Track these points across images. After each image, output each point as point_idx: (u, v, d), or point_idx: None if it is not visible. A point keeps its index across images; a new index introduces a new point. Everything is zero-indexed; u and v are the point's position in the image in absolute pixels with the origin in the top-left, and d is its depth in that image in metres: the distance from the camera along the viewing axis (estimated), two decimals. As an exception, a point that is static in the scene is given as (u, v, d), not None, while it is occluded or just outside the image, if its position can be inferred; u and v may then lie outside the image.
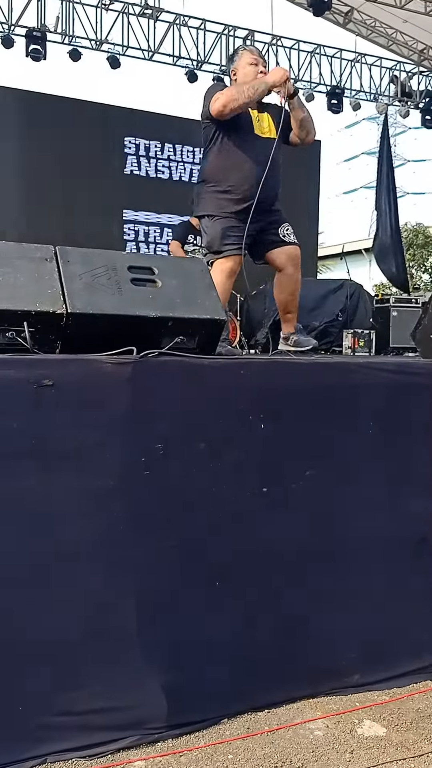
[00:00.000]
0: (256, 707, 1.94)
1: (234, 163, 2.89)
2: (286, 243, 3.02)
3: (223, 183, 2.91)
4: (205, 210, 2.99)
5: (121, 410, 1.82)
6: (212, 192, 2.95)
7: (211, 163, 2.96)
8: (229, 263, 2.95)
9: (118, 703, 1.80)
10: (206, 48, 9.48)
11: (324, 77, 10.23)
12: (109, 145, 8.31)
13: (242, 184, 2.88)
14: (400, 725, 1.86)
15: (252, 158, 2.88)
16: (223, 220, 2.91)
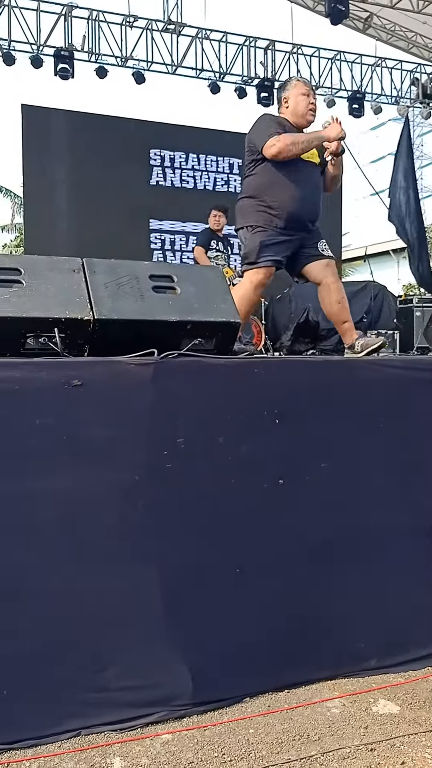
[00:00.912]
0: (277, 687, 2.04)
1: (280, 182, 3.02)
2: (324, 256, 3.11)
3: (268, 199, 3.03)
4: (246, 222, 3.11)
5: (145, 407, 1.96)
6: (256, 206, 3.06)
7: (257, 180, 3.09)
8: (260, 276, 3.07)
9: (147, 681, 1.92)
10: (228, 60, 9.66)
11: (345, 83, 10.32)
12: (135, 158, 8.55)
13: (286, 201, 3.01)
14: (413, 704, 1.95)
15: (297, 179, 3.03)
16: (263, 233, 3.03)
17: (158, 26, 9.19)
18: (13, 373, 1.81)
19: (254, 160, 3.08)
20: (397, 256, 17.79)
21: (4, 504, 1.79)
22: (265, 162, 3.03)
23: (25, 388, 1.81)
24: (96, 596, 1.89)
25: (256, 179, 3.09)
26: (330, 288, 3.05)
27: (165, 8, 9.06)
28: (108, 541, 1.91)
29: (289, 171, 3.00)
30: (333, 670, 2.14)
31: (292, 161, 3.01)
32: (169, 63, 9.38)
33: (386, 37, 10.68)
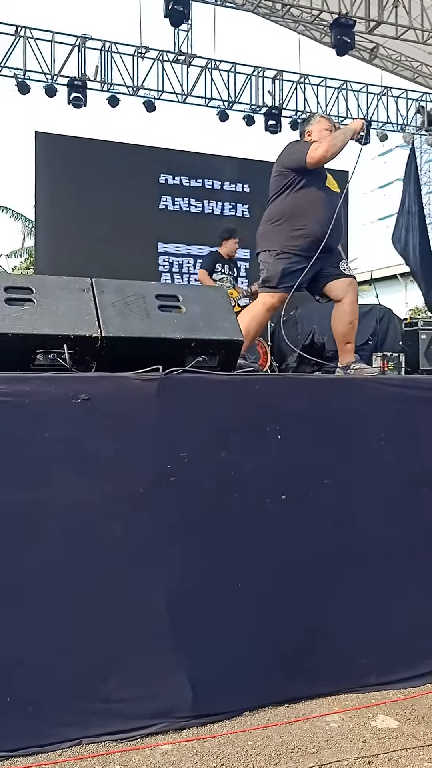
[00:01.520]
0: (277, 702, 2.06)
1: (309, 206, 3.14)
2: (345, 275, 3.20)
3: (296, 222, 3.14)
4: (269, 246, 3.20)
5: (150, 421, 2.02)
6: (281, 230, 3.16)
7: (285, 205, 3.19)
8: (275, 299, 3.17)
9: (148, 692, 1.95)
10: (236, 89, 9.89)
11: (351, 111, 10.52)
12: (144, 183, 8.74)
13: (314, 225, 3.11)
14: (412, 719, 1.96)
15: (322, 204, 3.15)
16: (286, 260, 3.12)
17: (169, 57, 9.43)
18: (23, 387, 1.88)
19: (287, 184, 3.17)
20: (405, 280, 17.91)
21: (12, 512, 1.84)
22: (293, 187, 3.15)
23: (35, 401, 1.88)
24: (99, 607, 1.93)
25: (282, 205, 3.19)
26: (347, 309, 3.14)
27: (176, 40, 9.31)
28: (112, 552, 1.95)
29: (314, 197, 3.13)
30: (334, 686, 2.15)
31: (317, 188, 3.13)
32: (179, 92, 9.61)
33: (392, 67, 10.91)
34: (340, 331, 3.18)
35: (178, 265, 8.79)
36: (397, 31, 8.26)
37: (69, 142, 8.55)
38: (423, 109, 10.91)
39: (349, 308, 3.13)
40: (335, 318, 3.19)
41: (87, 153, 8.51)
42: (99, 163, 8.47)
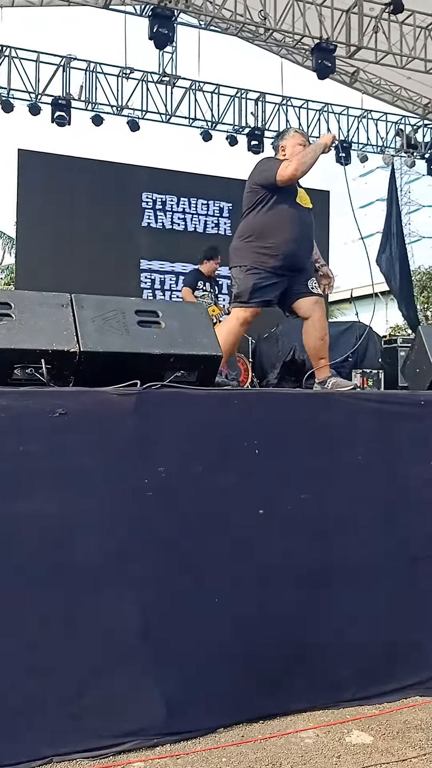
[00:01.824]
0: (252, 719, 2.05)
1: (278, 224, 3.17)
2: (312, 293, 3.24)
3: (264, 240, 3.17)
4: (241, 262, 3.24)
5: (127, 436, 2.03)
6: (253, 247, 3.20)
7: (255, 222, 3.24)
8: (247, 314, 3.20)
9: (121, 709, 1.93)
10: (220, 110, 10.04)
11: (332, 132, 10.71)
12: (127, 201, 8.81)
13: (282, 243, 3.15)
14: (387, 734, 1.97)
15: (293, 221, 3.19)
16: (256, 275, 3.16)
17: (153, 78, 9.56)
18: (0, 401, 1.88)
19: (257, 201, 3.21)
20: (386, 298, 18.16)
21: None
22: (263, 204, 3.19)
23: (11, 415, 1.88)
24: (73, 622, 1.91)
25: (253, 221, 3.23)
26: (315, 325, 3.20)
27: (160, 61, 9.45)
28: (87, 567, 1.94)
29: (287, 213, 3.16)
30: (310, 702, 2.15)
31: (290, 205, 3.17)
32: (163, 112, 9.74)
33: (372, 91, 11.15)
34: (312, 348, 3.24)
35: (161, 282, 8.84)
36: (376, 56, 8.44)
37: (52, 160, 8.61)
38: (402, 132, 11.16)
39: (317, 325, 3.19)
40: (306, 335, 3.25)
41: (70, 171, 8.57)
42: (82, 181, 8.53)
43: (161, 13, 7.37)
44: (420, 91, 10.80)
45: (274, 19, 7.98)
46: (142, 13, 8.53)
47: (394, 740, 1.94)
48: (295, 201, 3.23)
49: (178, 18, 8.47)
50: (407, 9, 8.06)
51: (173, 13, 7.71)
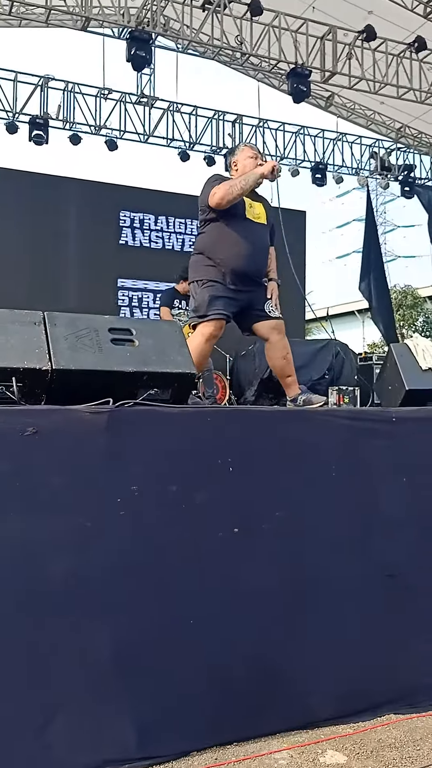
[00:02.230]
0: (226, 742, 2.01)
1: (226, 240, 3.20)
2: (270, 317, 3.27)
3: (214, 256, 3.21)
4: (196, 276, 3.28)
5: (99, 455, 2.01)
6: (205, 261, 3.25)
7: (205, 239, 3.28)
8: (210, 328, 3.19)
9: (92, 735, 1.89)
10: (198, 131, 10.17)
11: (308, 154, 10.92)
12: (105, 219, 8.84)
13: (231, 258, 3.18)
14: (361, 753, 1.95)
15: (242, 237, 3.21)
16: (211, 288, 3.18)
17: (131, 99, 9.66)
18: (-31, 419, 1.86)
19: (204, 219, 3.27)
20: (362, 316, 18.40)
21: None
22: (213, 221, 3.23)
23: (-20, 434, 1.86)
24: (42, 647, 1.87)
25: (205, 237, 3.28)
26: (275, 345, 3.23)
27: (138, 83, 9.56)
28: (57, 590, 1.91)
29: (235, 229, 3.18)
30: (285, 724, 2.10)
31: (239, 220, 3.19)
32: (141, 132, 9.83)
33: (347, 115, 11.40)
34: (277, 368, 3.27)
35: (138, 300, 8.86)
36: (350, 82, 8.64)
37: (28, 177, 8.62)
38: (376, 155, 11.40)
39: (278, 345, 3.22)
40: (269, 357, 3.29)
41: (47, 189, 8.59)
42: (59, 199, 8.55)
43: (139, 36, 7.47)
44: (393, 115, 11.07)
45: (251, 44, 8.13)
46: (120, 36, 8.64)
47: (368, 759, 1.92)
48: (244, 216, 3.24)
49: (155, 41, 8.59)
50: (379, 37, 8.29)
51: (151, 36, 7.82)
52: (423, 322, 18.95)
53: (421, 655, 2.32)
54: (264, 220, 3.32)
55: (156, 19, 7.66)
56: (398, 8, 8.51)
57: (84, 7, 7.49)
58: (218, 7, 7.60)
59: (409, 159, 11.67)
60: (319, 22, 8.31)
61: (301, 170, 10.80)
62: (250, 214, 3.27)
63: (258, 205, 3.33)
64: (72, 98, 9.39)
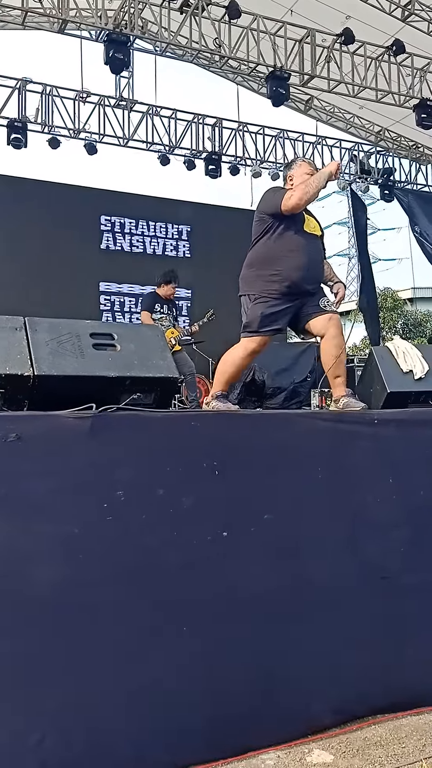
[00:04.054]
0: (223, 757, 1.94)
1: (285, 251, 3.18)
2: (325, 311, 3.23)
3: (272, 267, 3.19)
4: (249, 291, 3.25)
5: (83, 460, 2.01)
6: (259, 275, 3.22)
7: (262, 251, 3.25)
8: (254, 344, 3.19)
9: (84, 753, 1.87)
10: (177, 134, 10.17)
11: (288, 158, 10.95)
12: (86, 224, 8.82)
13: (290, 271, 3.16)
14: (347, 752, 1.97)
15: (300, 249, 3.20)
16: (264, 304, 3.17)
17: (110, 102, 9.64)
18: None
19: (265, 230, 3.23)
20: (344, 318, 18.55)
21: None
22: (271, 233, 3.21)
23: (-37, 441, 1.84)
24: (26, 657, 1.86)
25: (261, 250, 3.25)
26: (331, 341, 3.16)
27: (117, 86, 9.54)
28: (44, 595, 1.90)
29: (291, 242, 3.18)
30: (283, 731, 2.04)
31: (294, 233, 3.19)
32: (121, 136, 9.80)
33: (326, 118, 11.47)
34: (327, 365, 3.19)
35: (120, 304, 8.85)
36: (329, 85, 8.69)
37: (8, 182, 8.57)
38: (356, 158, 11.49)
39: (332, 342, 3.14)
40: (322, 353, 3.22)
41: (26, 193, 8.55)
42: (39, 204, 8.51)
43: (117, 38, 7.45)
44: (372, 119, 11.16)
45: (229, 47, 8.15)
46: (98, 39, 8.62)
47: (354, 758, 1.94)
48: (302, 228, 3.25)
49: (133, 44, 8.59)
50: (358, 40, 8.36)
51: (129, 38, 7.81)
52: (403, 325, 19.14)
53: (408, 655, 2.34)
54: (319, 232, 3.34)
55: (134, 21, 7.66)
56: (376, 12, 8.58)
57: (60, 9, 7.45)
58: (196, 9, 7.62)
59: (388, 162, 11.78)
60: (298, 25, 8.36)
61: (281, 174, 10.86)
62: (307, 226, 3.28)
63: (311, 219, 3.34)
64: (50, 101, 9.34)
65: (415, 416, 2.70)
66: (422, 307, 20.42)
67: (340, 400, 3.10)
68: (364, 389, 2.82)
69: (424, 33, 8.84)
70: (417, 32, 8.82)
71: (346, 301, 11.28)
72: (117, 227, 9.02)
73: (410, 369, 2.96)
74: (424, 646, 2.36)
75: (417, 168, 12.16)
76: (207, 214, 9.91)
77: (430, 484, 2.53)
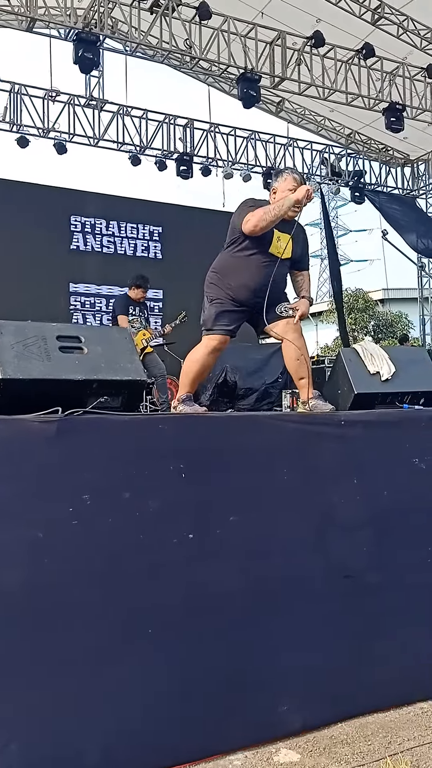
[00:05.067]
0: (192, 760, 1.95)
1: (240, 270, 3.17)
2: (282, 317, 3.21)
3: (226, 280, 3.19)
4: (208, 292, 3.27)
5: (49, 464, 1.99)
6: (218, 282, 3.23)
7: (223, 261, 3.25)
8: (214, 342, 3.19)
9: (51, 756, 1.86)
10: (148, 135, 10.14)
11: (259, 159, 11.02)
12: (56, 224, 8.74)
13: (240, 288, 3.16)
14: (314, 751, 1.99)
15: (255, 272, 3.16)
16: (219, 306, 3.19)
17: (80, 101, 9.57)
18: None
19: (232, 240, 3.23)
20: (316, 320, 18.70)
21: None
22: (237, 245, 3.20)
23: None
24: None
25: (222, 260, 3.26)
26: (290, 346, 3.18)
27: (87, 85, 9.47)
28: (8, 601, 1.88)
29: (250, 263, 3.16)
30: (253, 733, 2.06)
31: (261, 254, 3.16)
32: (91, 135, 9.74)
33: (297, 120, 11.55)
34: (290, 369, 3.24)
35: (90, 305, 8.79)
36: (300, 87, 8.76)
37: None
38: (327, 161, 11.59)
39: (290, 346, 3.17)
40: (284, 357, 3.25)
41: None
42: (7, 203, 8.40)
43: (86, 38, 7.40)
44: (342, 121, 11.28)
45: (200, 48, 8.16)
46: (67, 38, 8.56)
47: (321, 756, 1.96)
48: (266, 249, 3.20)
49: (103, 43, 8.54)
50: (328, 43, 8.44)
51: (98, 38, 7.76)
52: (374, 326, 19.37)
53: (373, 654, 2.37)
54: (288, 255, 3.27)
55: (104, 20, 7.61)
56: (346, 15, 8.67)
57: (29, 7, 7.37)
58: (166, 10, 7.60)
59: (359, 165, 11.92)
60: (269, 27, 8.40)
61: (253, 175, 10.90)
62: (274, 248, 3.22)
63: (285, 237, 3.25)
64: (18, 100, 9.23)
65: (381, 417, 2.74)
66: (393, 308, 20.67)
67: (309, 401, 3.12)
68: (331, 390, 2.85)
69: (394, 36, 8.98)
70: (386, 36, 8.95)
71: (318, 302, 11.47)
72: (87, 228, 8.95)
73: (377, 371, 3.00)
74: (389, 644, 2.39)
75: (387, 171, 12.33)
76: (179, 215, 9.91)
77: (395, 485, 2.57)
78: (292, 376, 3.25)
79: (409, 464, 2.64)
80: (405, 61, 9.16)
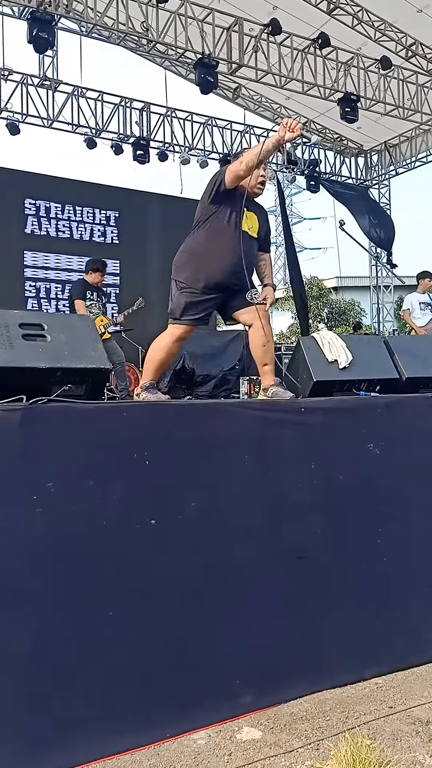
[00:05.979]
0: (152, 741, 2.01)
1: (214, 247, 3.12)
2: (251, 304, 3.20)
3: (198, 260, 3.14)
4: (177, 277, 3.22)
5: (13, 453, 1.99)
6: (187, 265, 3.18)
7: (195, 241, 3.20)
8: (180, 331, 3.17)
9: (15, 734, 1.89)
10: (104, 118, 9.98)
11: (216, 145, 10.99)
12: (9, 207, 8.52)
13: (214, 267, 3.12)
14: (275, 728, 2.06)
15: (230, 248, 3.11)
16: (188, 294, 3.14)
17: (33, 81, 9.33)
18: None
19: (199, 219, 3.19)
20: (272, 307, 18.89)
21: None
22: (208, 222, 3.16)
23: None
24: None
25: (194, 239, 3.21)
26: (257, 331, 3.18)
27: (41, 64, 9.24)
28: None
29: (224, 239, 3.12)
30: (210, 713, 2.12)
31: (233, 229, 3.13)
32: (45, 117, 9.52)
33: (254, 107, 11.56)
34: (255, 355, 3.23)
35: (46, 291, 8.64)
36: (257, 75, 8.76)
37: None
38: (282, 149, 11.63)
39: (259, 332, 3.17)
40: (250, 343, 3.25)
41: None
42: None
43: (41, 17, 7.21)
44: (299, 110, 11.34)
45: (157, 31, 8.06)
46: (21, 16, 8.32)
47: (281, 733, 2.03)
48: (238, 226, 3.17)
49: (58, 23, 8.34)
50: (285, 31, 8.46)
51: (53, 17, 7.58)
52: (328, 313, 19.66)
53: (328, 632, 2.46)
54: (255, 233, 3.27)
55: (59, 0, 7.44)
56: (303, 4, 8.71)
57: (-18, -17, 7.15)
58: (123, -9, 7.48)
59: (314, 154, 12.02)
60: (226, 12, 8.36)
61: (210, 161, 10.86)
62: (245, 224, 3.19)
63: (252, 216, 3.26)
64: (-30, 77, 8.94)
65: (339, 404, 2.81)
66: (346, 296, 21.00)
67: (269, 389, 3.16)
68: (291, 378, 2.91)
69: (349, 27, 9.06)
70: (342, 26, 9.03)
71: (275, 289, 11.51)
72: (42, 211, 8.77)
73: (335, 359, 3.08)
74: (342, 622, 2.48)
75: (341, 160, 12.48)
76: (135, 200, 9.81)
77: (351, 469, 2.65)
78: (256, 362, 3.25)
79: (364, 449, 2.72)
80: (359, 52, 9.27)
